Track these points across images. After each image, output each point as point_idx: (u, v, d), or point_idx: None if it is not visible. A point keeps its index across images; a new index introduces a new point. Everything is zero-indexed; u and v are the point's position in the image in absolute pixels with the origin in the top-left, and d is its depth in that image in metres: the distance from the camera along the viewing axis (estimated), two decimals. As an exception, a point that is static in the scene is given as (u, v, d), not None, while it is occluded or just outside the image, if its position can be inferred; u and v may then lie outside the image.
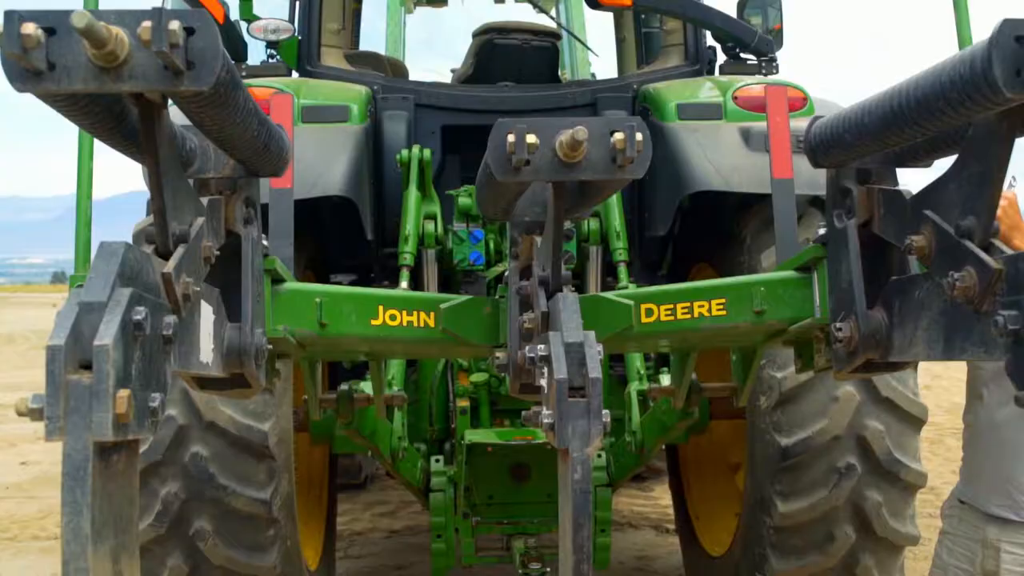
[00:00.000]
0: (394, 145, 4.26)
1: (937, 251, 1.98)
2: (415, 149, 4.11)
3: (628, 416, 3.82)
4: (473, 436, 3.87)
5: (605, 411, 1.83)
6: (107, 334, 1.33)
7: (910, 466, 3.66)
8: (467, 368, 4.12)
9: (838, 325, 2.31)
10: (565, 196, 2.18)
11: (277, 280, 2.49)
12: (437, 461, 4.05)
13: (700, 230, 4.38)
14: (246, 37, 4.51)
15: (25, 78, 1.45)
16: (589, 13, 7.30)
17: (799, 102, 3.94)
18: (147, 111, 1.67)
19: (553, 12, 7.46)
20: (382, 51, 6.45)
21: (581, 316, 2.00)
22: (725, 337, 2.79)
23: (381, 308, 2.65)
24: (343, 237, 4.32)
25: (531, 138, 1.88)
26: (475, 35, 4.86)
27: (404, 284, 3.87)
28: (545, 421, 1.84)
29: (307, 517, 4.28)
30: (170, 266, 1.68)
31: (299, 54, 4.52)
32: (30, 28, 1.38)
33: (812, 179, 3.22)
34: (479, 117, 4.50)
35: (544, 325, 2.20)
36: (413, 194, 4.04)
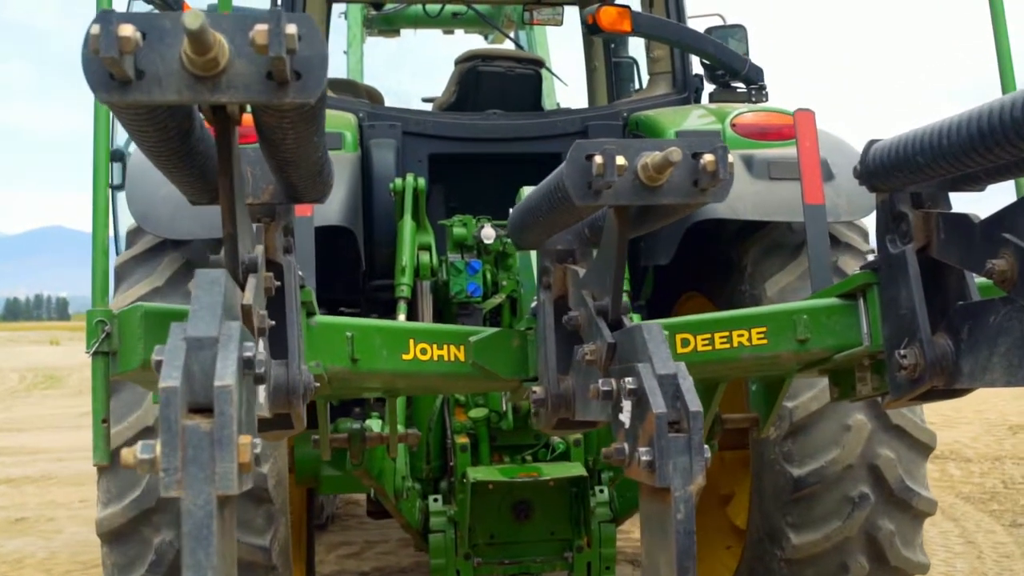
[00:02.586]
0: (383, 174, 4.12)
1: (1021, 275, 1.94)
2: (409, 178, 3.98)
3: (637, 449, 3.71)
4: (476, 474, 3.72)
5: (705, 446, 1.73)
6: (227, 373, 1.18)
7: (921, 494, 3.64)
8: (464, 403, 3.98)
9: (902, 352, 2.25)
10: (629, 221, 2.10)
11: (309, 313, 2.35)
12: (436, 500, 3.89)
13: (690, 258, 4.32)
14: None
15: (110, 87, 1.31)
16: (554, 43, 7.31)
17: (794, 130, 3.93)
18: (224, 126, 1.53)
19: (512, 40, 7.43)
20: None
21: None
22: (764, 367, 2.72)
23: (412, 342, 2.52)
24: (323, 269, 4.16)
25: (620, 160, 1.79)
26: (458, 62, 4.77)
27: (402, 317, 3.73)
28: (643, 459, 1.72)
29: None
30: (248, 297, 1.54)
31: None
32: (128, 30, 1.24)
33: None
34: (466, 145, 4.41)
35: (609, 357, 2.09)
36: (408, 224, 3.91)
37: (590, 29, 3.84)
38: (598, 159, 1.78)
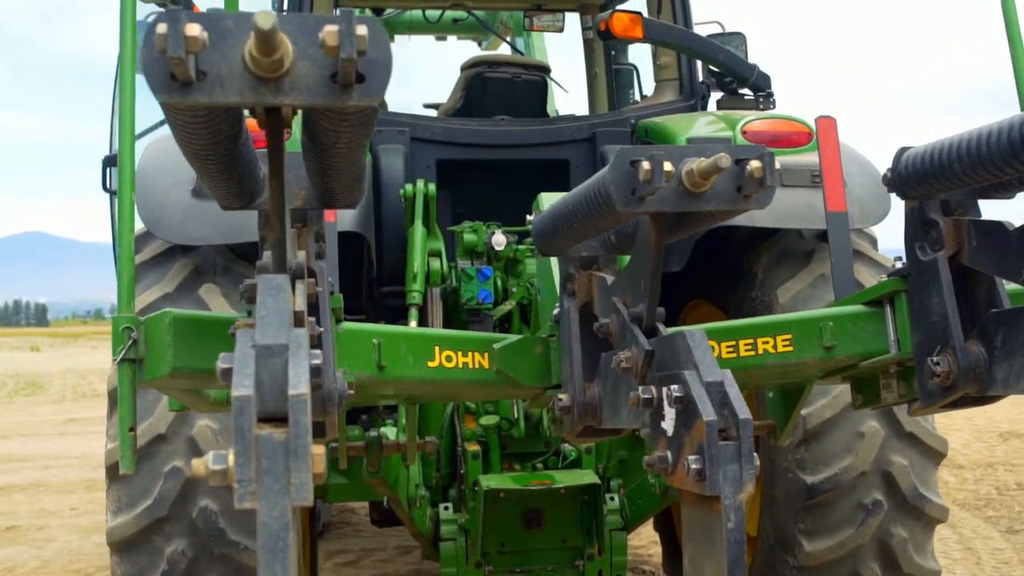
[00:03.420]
0: (391, 180, 4.10)
1: (1061, 282, 1.94)
2: (420, 183, 3.96)
3: (651, 456, 3.70)
4: (489, 481, 3.70)
5: (755, 454, 1.71)
6: (300, 382, 1.16)
7: (933, 500, 3.65)
8: (473, 411, 3.96)
9: (935, 359, 2.25)
10: (665, 227, 2.08)
11: (336, 320, 2.32)
12: (446, 509, 3.86)
13: (695, 265, 4.31)
14: None
15: (171, 88, 1.28)
16: (552, 49, 7.30)
17: (805, 137, 3.94)
18: (276, 129, 1.50)
19: (505, 48, 7.41)
20: None
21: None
22: (789, 374, 2.71)
23: (437, 349, 2.50)
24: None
25: (668, 166, 1.77)
26: (464, 68, 4.75)
27: (413, 324, 3.70)
28: (693, 467, 1.71)
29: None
30: (300, 303, 1.51)
31: None
32: (196, 30, 1.21)
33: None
34: (474, 151, 4.39)
35: (647, 364, 2.07)
36: (419, 230, 3.89)
37: (602, 35, 3.83)
38: (645, 165, 1.77)
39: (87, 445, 11.91)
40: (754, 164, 1.79)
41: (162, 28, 1.21)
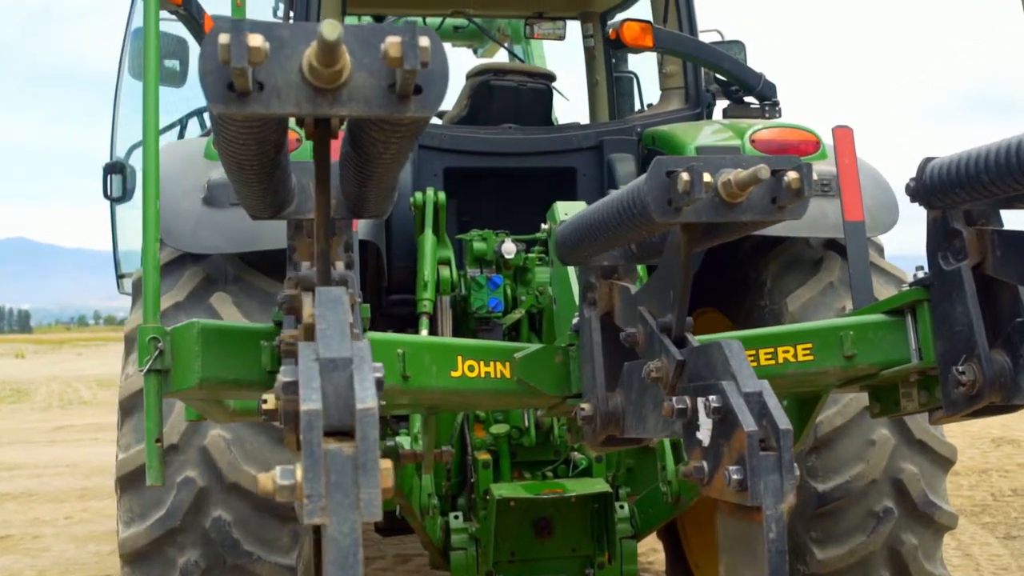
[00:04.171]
0: (400, 188, 4.08)
1: (1090, 292, 1.95)
2: (429, 192, 3.96)
3: (663, 464, 3.71)
4: (500, 490, 3.69)
5: (795, 464, 1.72)
6: (368, 395, 1.15)
7: (943, 508, 3.67)
8: (483, 419, 3.95)
9: (960, 368, 2.27)
10: (696, 237, 2.09)
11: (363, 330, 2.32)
12: (456, 518, 3.85)
13: (702, 274, 4.31)
14: None
15: (228, 99, 1.27)
16: (552, 57, 7.30)
17: (812, 146, 3.96)
18: (324, 139, 1.50)
19: (503, 55, 7.41)
20: None
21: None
22: (809, 383, 2.72)
23: (460, 359, 2.49)
24: None
25: (707, 177, 1.78)
26: (469, 76, 4.75)
27: (424, 333, 3.70)
28: (734, 478, 1.71)
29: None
30: (349, 316, 1.51)
31: None
32: (258, 40, 1.21)
33: (837, 222, 3.22)
34: (482, 159, 4.39)
35: (678, 374, 2.07)
36: (429, 238, 3.88)
37: (612, 44, 3.85)
38: (684, 176, 1.77)
39: (78, 453, 11.83)
40: (791, 175, 1.80)
41: (224, 39, 1.20)
